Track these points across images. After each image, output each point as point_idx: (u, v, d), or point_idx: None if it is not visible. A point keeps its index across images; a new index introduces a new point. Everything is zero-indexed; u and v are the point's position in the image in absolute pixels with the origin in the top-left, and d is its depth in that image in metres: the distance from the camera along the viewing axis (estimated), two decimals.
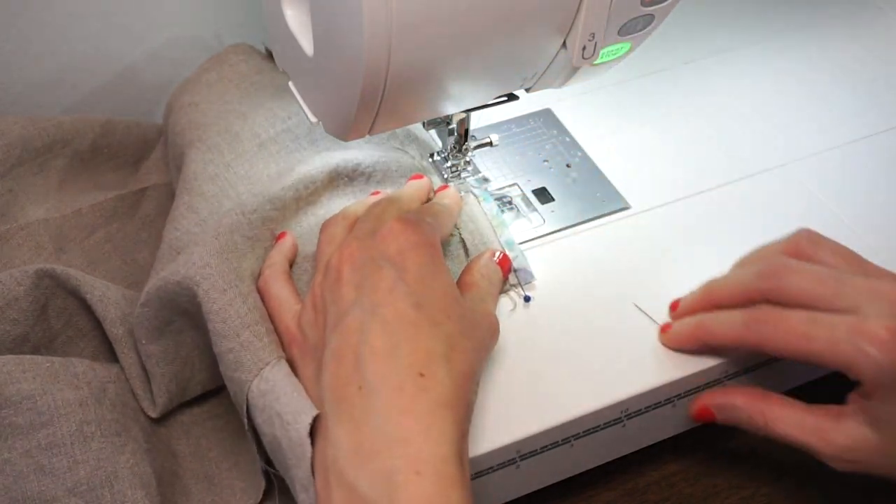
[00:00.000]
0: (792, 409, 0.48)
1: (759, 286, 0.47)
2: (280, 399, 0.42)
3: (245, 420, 0.45)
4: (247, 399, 0.44)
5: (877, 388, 0.44)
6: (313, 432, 0.41)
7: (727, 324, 0.48)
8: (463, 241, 0.53)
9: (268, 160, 0.56)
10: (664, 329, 0.50)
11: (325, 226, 0.50)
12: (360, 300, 0.42)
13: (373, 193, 0.54)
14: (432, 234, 0.46)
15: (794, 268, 0.46)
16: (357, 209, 0.51)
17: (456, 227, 0.53)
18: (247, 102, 0.59)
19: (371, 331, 0.41)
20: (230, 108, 0.59)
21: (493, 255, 0.51)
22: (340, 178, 0.53)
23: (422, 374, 0.40)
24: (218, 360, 0.46)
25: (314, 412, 0.41)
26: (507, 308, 0.52)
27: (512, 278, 0.52)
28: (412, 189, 0.53)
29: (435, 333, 0.42)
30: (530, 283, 0.52)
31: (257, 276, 0.49)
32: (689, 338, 0.49)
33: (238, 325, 0.45)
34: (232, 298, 0.45)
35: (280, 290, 0.48)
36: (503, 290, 0.52)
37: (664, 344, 0.50)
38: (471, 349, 0.43)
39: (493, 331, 0.47)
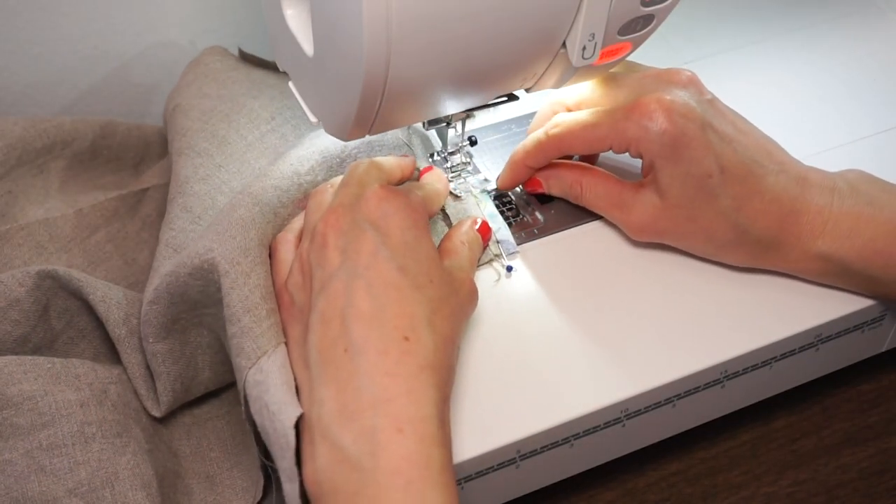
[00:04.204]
0: (605, 181, 0.53)
1: (554, 108, 0.55)
2: (269, 390, 0.43)
3: (243, 407, 0.45)
4: (244, 388, 0.44)
5: (656, 158, 0.49)
6: (298, 424, 0.42)
7: (531, 139, 0.53)
8: (446, 213, 0.54)
9: (258, 156, 0.56)
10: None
11: (314, 194, 0.50)
12: (345, 264, 0.43)
13: None
14: (417, 199, 0.47)
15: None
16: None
17: None
18: (226, 98, 0.60)
19: (356, 294, 0.42)
20: (211, 105, 0.59)
21: (475, 222, 0.52)
22: (333, 159, 0.53)
23: (406, 338, 0.41)
24: (227, 344, 0.47)
25: (300, 409, 0.42)
26: (491, 279, 0.52)
27: (495, 248, 0.53)
28: (394, 158, 0.53)
29: (418, 297, 0.43)
30: (513, 253, 0.53)
31: (268, 242, 0.49)
32: (509, 167, 0.55)
33: (240, 309, 0.45)
34: (234, 279, 0.46)
35: (286, 254, 0.49)
36: (487, 261, 0.53)
37: (500, 187, 0.56)
38: (451, 314, 0.45)
39: (471, 297, 0.48)
